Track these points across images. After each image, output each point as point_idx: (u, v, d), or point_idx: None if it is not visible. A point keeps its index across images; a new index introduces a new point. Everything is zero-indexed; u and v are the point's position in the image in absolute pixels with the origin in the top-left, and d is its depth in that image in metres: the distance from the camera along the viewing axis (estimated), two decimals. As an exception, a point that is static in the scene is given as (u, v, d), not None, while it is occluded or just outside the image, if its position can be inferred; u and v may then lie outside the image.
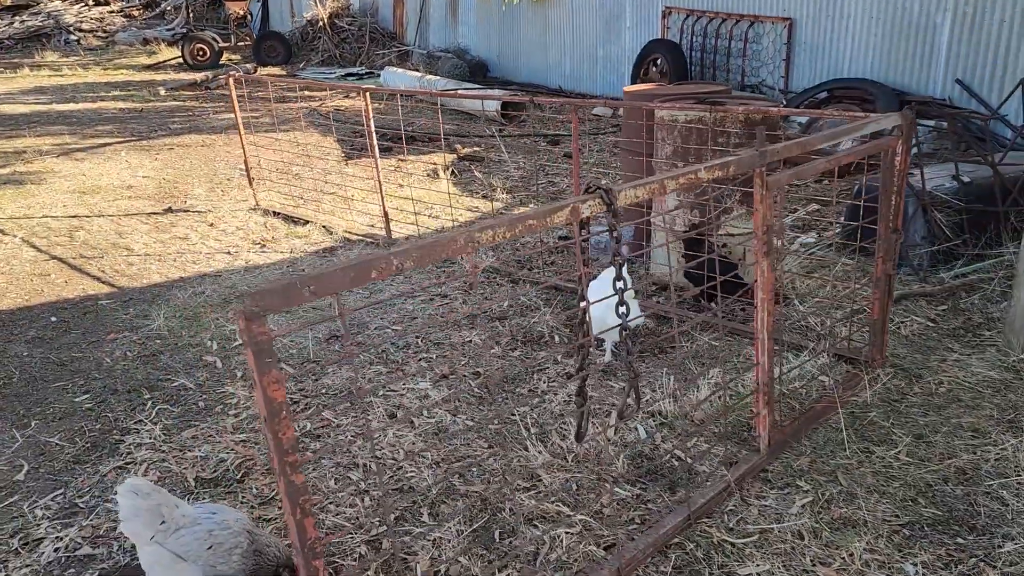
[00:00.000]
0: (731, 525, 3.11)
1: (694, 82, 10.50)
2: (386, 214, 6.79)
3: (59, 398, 4.36)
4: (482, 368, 4.51)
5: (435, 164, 9.96)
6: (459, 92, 12.48)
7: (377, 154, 6.72)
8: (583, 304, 2.80)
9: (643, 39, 13.30)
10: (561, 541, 3.03)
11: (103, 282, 6.16)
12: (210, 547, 2.57)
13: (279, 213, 7.82)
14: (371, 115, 6.57)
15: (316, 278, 2.04)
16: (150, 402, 4.26)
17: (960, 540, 3.00)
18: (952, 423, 3.76)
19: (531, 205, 7.99)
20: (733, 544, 3.00)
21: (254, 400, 4.21)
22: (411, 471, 3.55)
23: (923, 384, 4.11)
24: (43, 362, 4.81)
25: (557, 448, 3.66)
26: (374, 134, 6.66)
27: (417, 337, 4.97)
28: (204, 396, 4.31)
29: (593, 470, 3.49)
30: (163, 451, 3.77)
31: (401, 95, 13.25)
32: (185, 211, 8.10)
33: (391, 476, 3.52)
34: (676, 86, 6.77)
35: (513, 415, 3.99)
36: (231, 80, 7.75)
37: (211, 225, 7.60)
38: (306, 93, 16.94)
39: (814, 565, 2.88)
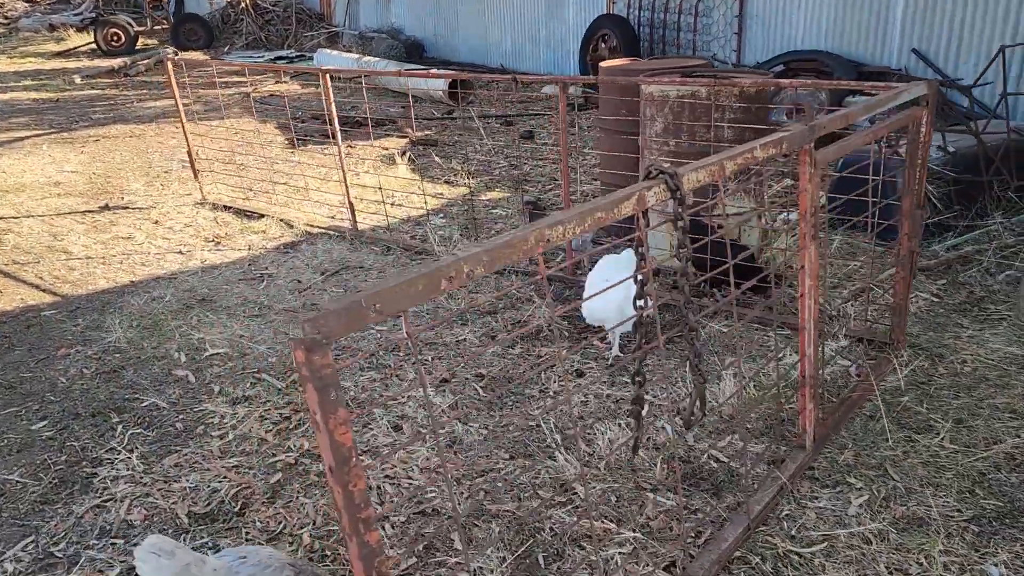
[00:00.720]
0: (792, 532, 2.89)
1: (667, 56, 10.24)
2: (351, 204, 6.37)
3: (12, 426, 3.87)
4: (485, 369, 4.20)
5: (388, 149, 9.53)
6: (430, 72, 11.96)
7: (340, 141, 6.28)
8: (639, 303, 2.52)
9: (588, 15, 13.03)
10: (616, 563, 2.75)
11: (43, 290, 5.60)
12: None
13: (229, 207, 7.30)
14: (332, 99, 6.12)
15: (381, 294, 1.69)
16: (120, 426, 3.81)
17: (1032, 533, 2.84)
18: (987, 404, 3.62)
19: (496, 189, 7.67)
20: (799, 555, 2.78)
21: (240, 419, 3.81)
22: (431, 491, 3.22)
23: (947, 364, 3.97)
24: (-13, 385, 4.29)
25: (583, 455, 3.38)
26: (336, 119, 6.21)
27: (405, 338, 4.61)
28: (181, 416, 3.88)
29: (629, 478, 3.22)
30: (145, 484, 3.34)
31: (337, 77, 12.70)
32: (124, 208, 7.50)
33: (410, 498, 3.18)
34: (652, 61, 6.52)
35: (531, 421, 3.69)
36: (169, 63, 7.16)
37: (156, 223, 7.04)
38: (235, 79, 16.16)
39: (891, 572, 2.68)
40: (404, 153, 8.60)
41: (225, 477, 3.36)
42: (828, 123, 2.98)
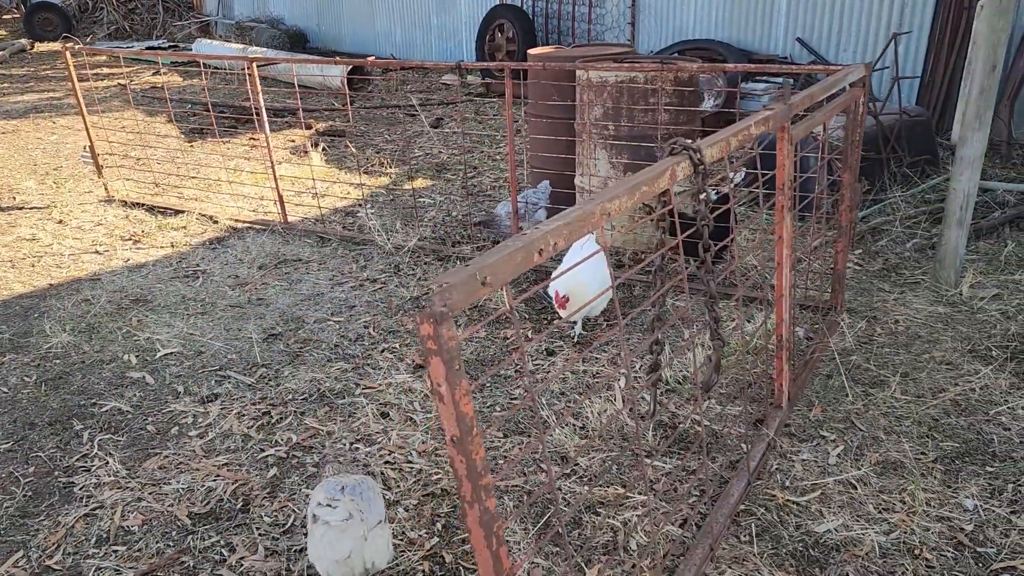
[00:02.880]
0: (785, 484, 3.11)
1: (591, 44, 10.29)
2: (280, 197, 6.21)
3: (-40, 442, 3.60)
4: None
5: (295, 141, 9.31)
6: (373, 60, 11.64)
7: (268, 131, 6.11)
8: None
9: (483, 4, 13.09)
10: (634, 525, 2.89)
11: (-49, 298, 5.19)
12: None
13: (140, 204, 6.95)
14: (259, 89, 5.95)
15: (489, 267, 1.74)
16: (85, 433, 3.62)
17: (989, 468, 3.17)
18: (925, 359, 3.98)
19: (419, 177, 7.65)
20: (797, 503, 3.00)
21: (216, 417, 3.70)
22: (435, 473, 3.25)
23: (882, 325, 4.33)
24: (-83, 401, 3.96)
25: (573, 428, 3.50)
26: (264, 110, 6.04)
27: (366, 327, 4.59)
28: (150, 419, 3.73)
29: (623, 447, 3.36)
30: (132, 488, 3.21)
31: (252, 66, 12.25)
32: (18, 208, 7.01)
33: (415, 481, 3.20)
34: (577, 48, 6.68)
35: (515, 400, 3.77)
36: (68, 53, 6.73)
37: (60, 222, 6.62)
38: (105, 71, 15.26)
39: (881, 512, 2.94)
40: (317, 144, 8.42)
41: (218, 475, 3.27)
42: (800, 103, 3.21)
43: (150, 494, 3.17)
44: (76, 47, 6.88)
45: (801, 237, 5.23)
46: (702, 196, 2.61)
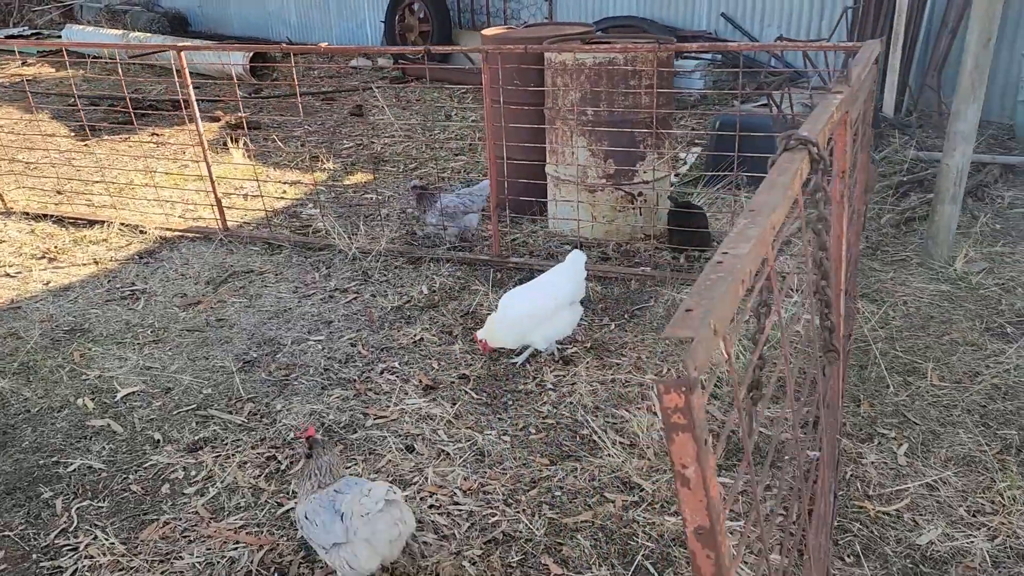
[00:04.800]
0: (868, 492, 2.92)
1: (543, 23, 9.74)
2: (218, 201, 5.59)
3: None
4: (465, 369, 3.86)
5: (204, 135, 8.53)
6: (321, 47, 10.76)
7: (201, 127, 5.48)
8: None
9: (386, -17, 12.48)
10: (731, 555, 2.62)
11: None
12: None
13: (45, 215, 6.15)
14: (189, 80, 5.30)
15: (714, 313, 1.40)
16: (58, 501, 3.05)
17: (1058, 455, 3.09)
18: (947, 341, 3.91)
19: (358, 172, 7.13)
20: (888, 514, 2.82)
21: (211, 468, 3.20)
22: (489, 513, 2.89)
23: (893, 308, 4.24)
24: None
25: (617, 445, 3.21)
26: (196, 104, 5.40)
27: (353, 345, 4.14)
28: (131, 477, 3.19)
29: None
30: (137, 569, 2.70)
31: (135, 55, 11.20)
32: None
33: (471, 526, 2.84)
34: (532, 28, 6.32)
35: (546, 418, 3.44)
36: (-53, 46, 5.83)
37: (-47, 241, 5.77)
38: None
39: (974, 516, 2.80)
40: (236, 139, 7.73)
41: (237, 542, 2.80)
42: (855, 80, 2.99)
43: (162, 574, 2.67)
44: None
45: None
46: (818, 195, 2.34)
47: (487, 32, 5.91)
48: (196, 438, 3.40)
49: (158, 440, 3.40)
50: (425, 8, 11.34)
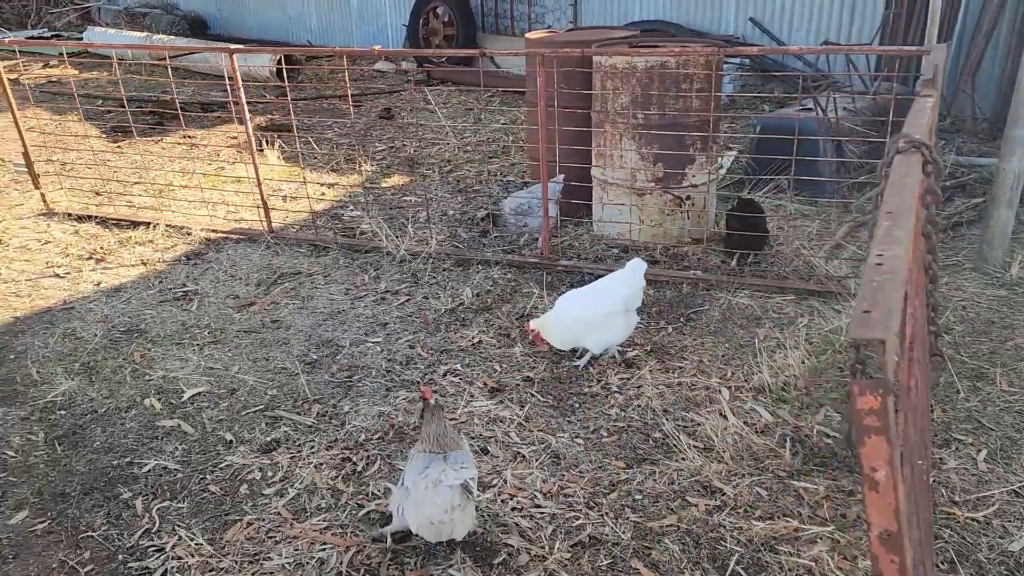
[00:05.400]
0: (954, 498, 2.92)
1: (590, 28, 9.62)
2: (265, 203, 5.61)
3: (-23, 526, 2.98)
4: (529, 372, 3.86)
5: (235, 138, 8.57)
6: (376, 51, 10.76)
7: (250, 129, 5.49)
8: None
9: (410, -14, 12.51)
10: (825, 562, 2.63)
11: None
12: None
13: (89, 216, 6.17)
14: (240, 83, 5.32)
15: (885, 301, 1.40)
16: (137, 502, 3.06)
17: None
18: (1010, 346, 3.91)
19: (395, 174, 7.14)
20: (977, 520, 2.81)
21: (287, 469, 3.21)
22: (573, 516, 2.89)
23: (953, 313, 4.23)
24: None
25: (692, 448, 3.21)
26: (246, 107, 5.41)
27: (412, 347, 4.15)
28: (208, 477, 3.19)
29: (761, 467, 3.10)
30: (228, 570, 2.70)
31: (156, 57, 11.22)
32: (-60, 227, 6.09)
33: (555, 529, 2.84)
34: (574, 32, 6.33)
35: (617, 421, 3.44)
36: (-6, 48, 5.85)
37: (-1, 242, 5.79)
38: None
39: (1062, 520, 2.79)
40: (272, 141, 7.75)
41: (325, 543, 2.80)
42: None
43: (252, 575, 2.67)
44: (6, 40, 6.00)
45: (822, 222, 5.12)
46: (929, 198, 2.34)
47: (531, 35, 5.92)
48: (268, 439, 3.40)
49: (230, 441, 3.41)
50: (450, 12, 11.37)
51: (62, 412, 3.67)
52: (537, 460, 3.19)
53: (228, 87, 5.38)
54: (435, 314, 4.49)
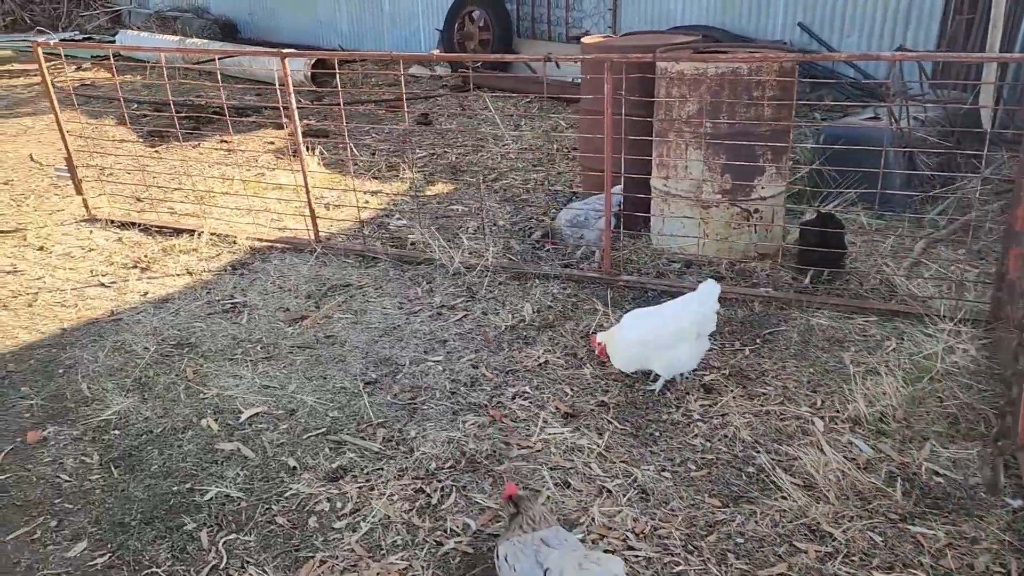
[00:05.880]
0: (1083, 544, 2.68)
1: (648, 32, 9.29)
2: (313, 211, 5.44)
3: (39, 557, 2.80)
4: (602, 396, 3.65)
5: (273, 144, 8.44)
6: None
7: (300, 137, 5.33)
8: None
9: (447, -10, 12.37)
10: (955, 617, 2.40)
11: (-60, 353, 4.25)
12: None
13: (131, 223, 6.03)
14: (292, 88, 5.16)
15: None
16: (202, 534, 2.87)
17: None
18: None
19: (439, 181, 6.96)
20: (1113, 569, 2.57)
21: (358, 501, 3.01)
22: (669, 559, 2.68)
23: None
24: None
25: (790, 485, 2.99)
26: (296, 113, 5.25)
27: (475, 367, 3.95)
28: (274, 507, 3.01)
29: (871, 509, 2.88)
30: (303, 613, 2.51)
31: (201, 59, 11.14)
32: (-20, 233, 5.97)
33: (655, 574, 2.63)
34: (629, 37, 6.13)
35: (704, 453, 3.23)
36: (39, 50, 5.72)
37: (41, 249, 5.65)
38: (16, 66, 13.78)
39: None
40: (312, 147, 7.59)
41: (407, 585, 2.60)
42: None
43: (332, 620, 2.48)
44: (52, 42, 5.89)
45: (896, 238, 4.89)
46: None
47: (587, 40, 5.73)
48: (334, 466, 3.22)
49: (293, 467, 3.22)
50: (485, 16, 11.20)
51: (116, 432, 3.50)
52: (624, 496, 2.98)
53: (279, 91, 5.21)
54: (496, 331, 4.30)
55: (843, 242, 4.64)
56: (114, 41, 14.51)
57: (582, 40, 5.77)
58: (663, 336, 3.60)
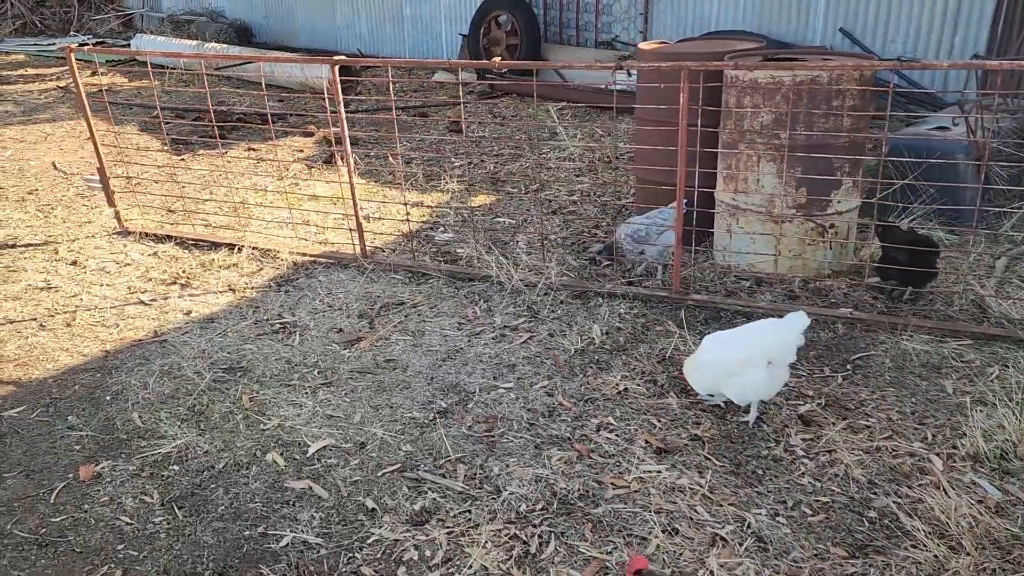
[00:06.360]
0: None
1: (701, 38, 8.92)
2: (360, 225, 5.20)
3: (100, 614, 2.56)
4: (696, 430, 3.41)
5: (302, 152, 8.21)
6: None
7: (349, 147, 5.09)
8: None
9: (472, -6, 12.14)
10: None
11: (-22, 377, 4.01)
12: None
13: (167, 236, 5.79)
14: (341, 96, 4.92)
15: None
16: (284, 587, 2.63)
17: None
18: None
19: (480, 192, 6.72)
20: None
21: (452, 550, 2.77)
22: (803, 620, 2.43)
23: None
24: (9, 547, 2.87)
25: (920, 533, 2.75)
26: (345, 123, 5.01)
27: (550, 395, 3.71)
28: (357, 556, 2.76)
29: (1013, 560, 2.63)
30: None
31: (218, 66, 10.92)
32: (10, 246, 5.73)
33: (788, 636, 2.38)
34: (685, 43, 5.89)
35: (818, 495, 2.98)
36: (71, 55, 5.49)
37: (75, 264, 5.42)
38: (30, 71, 13.58)
39: None
40: (338, 157, 7.34)
41: (517, 650, 2.35)
42: None
43: None
44: (86, 48, 5.66)
45: (976, 255, 4.64)
46: None
47: (644, 46, 5.48)
48: (416, 507, 2.97)
49: (372, 508, 2.98)
50: (513, 21, 10.97)
51: (175, 468, 3.26)
52: (741, 545, 2.73)
53: (326, 100, 4.99)
54: (566, 355, 4.05)
55: (934, 262, 4.37)
56: (128, 45, 14.29)
57: (639, 46, 5.53)
58: (730, 360, 3.39)
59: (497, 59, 7.21)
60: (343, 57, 5.14)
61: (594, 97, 9.29)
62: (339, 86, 4.90)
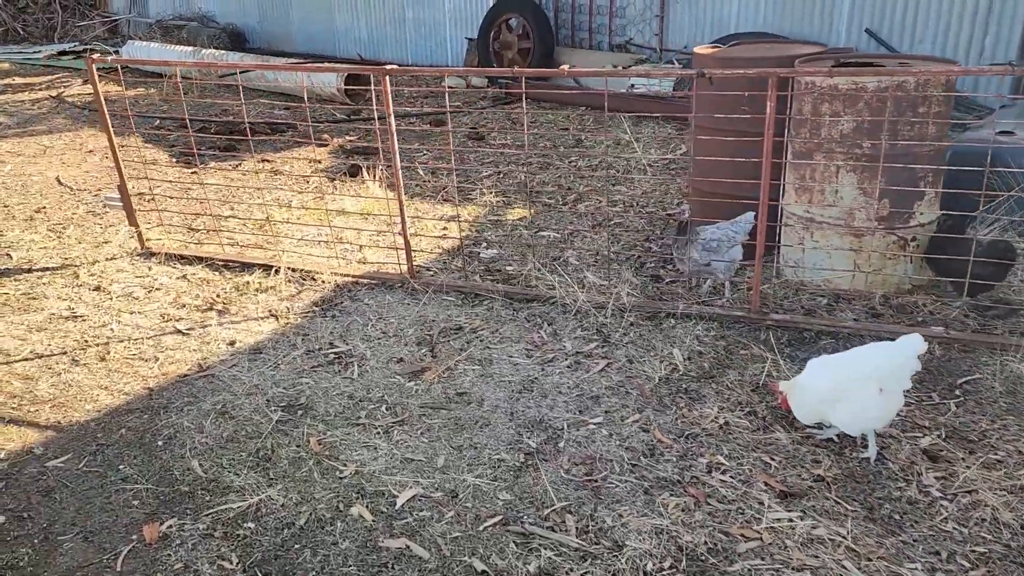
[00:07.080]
0: None
1: (766, 40, 8.51)
2: (408, 243, 4.89)
3: None
4: (818, 470, 3.13)
5: (319, 162, 7.87)
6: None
7: (399, 161, 4.78)
8: None
9: (480, -3, 11.85)
10: None
11: (12, 422, 3.66)
12: None
13: (196, 257, 5.45)
14: (391, 104, 4.61)
15: None
16: (403, 672, 2.32)
17: None
18: None
19: (516, 205, 6.42)
20: None
21: (584, 618, 2.47)
22: None
23: None
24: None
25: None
26: (395, 133, 4.70)
27: (645, 431, 3.42)
28: (480, 630, 2.46)
29: None
30: None
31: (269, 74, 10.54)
32: (26, 271, 5.37)
33: None
34: (739, 45, 5.63)
35: (971, 544, 2.72)
36: (92, 63, 5.14)
37: (98, 289, 5.06)
38: (17, 80, 13.12)
39: None
40: (371, 167, 7.04)
41: None
42: None
43: None
44: (108, 58, 5.31)
45: None
46: None
47: (700, 50, 5.22)
48: (532, 568, 2.67)
49: (483, 571, 2.68)
50: (525, 24, 10.69)
51: (251, 526, 2.94)
52: (898, 604, 2.46)
53: (375, 110, 4.68)
54: (650, 384, 3.77)
55: (999, 273, 4.15)
56: (118, 52, 13.85)
57: (695, 51, 5.26)
58: (837, 386, 3.14)
59: (565, 67, 6.84)
60: (394, 66, 4.82)
61: (620, 103, 9.01)
62: (389, 97, 4.58)
